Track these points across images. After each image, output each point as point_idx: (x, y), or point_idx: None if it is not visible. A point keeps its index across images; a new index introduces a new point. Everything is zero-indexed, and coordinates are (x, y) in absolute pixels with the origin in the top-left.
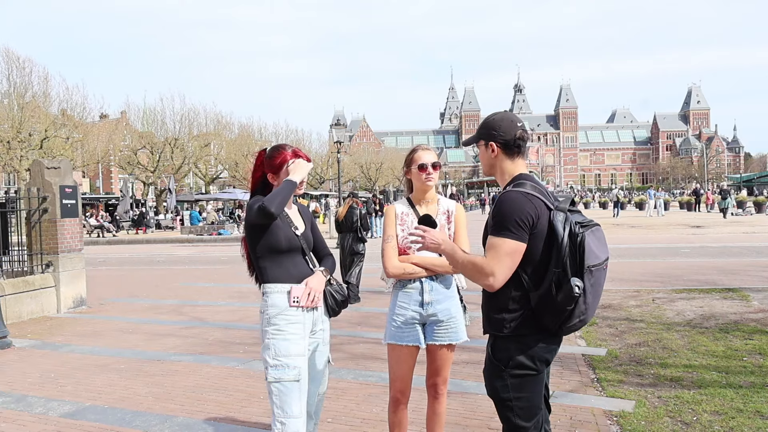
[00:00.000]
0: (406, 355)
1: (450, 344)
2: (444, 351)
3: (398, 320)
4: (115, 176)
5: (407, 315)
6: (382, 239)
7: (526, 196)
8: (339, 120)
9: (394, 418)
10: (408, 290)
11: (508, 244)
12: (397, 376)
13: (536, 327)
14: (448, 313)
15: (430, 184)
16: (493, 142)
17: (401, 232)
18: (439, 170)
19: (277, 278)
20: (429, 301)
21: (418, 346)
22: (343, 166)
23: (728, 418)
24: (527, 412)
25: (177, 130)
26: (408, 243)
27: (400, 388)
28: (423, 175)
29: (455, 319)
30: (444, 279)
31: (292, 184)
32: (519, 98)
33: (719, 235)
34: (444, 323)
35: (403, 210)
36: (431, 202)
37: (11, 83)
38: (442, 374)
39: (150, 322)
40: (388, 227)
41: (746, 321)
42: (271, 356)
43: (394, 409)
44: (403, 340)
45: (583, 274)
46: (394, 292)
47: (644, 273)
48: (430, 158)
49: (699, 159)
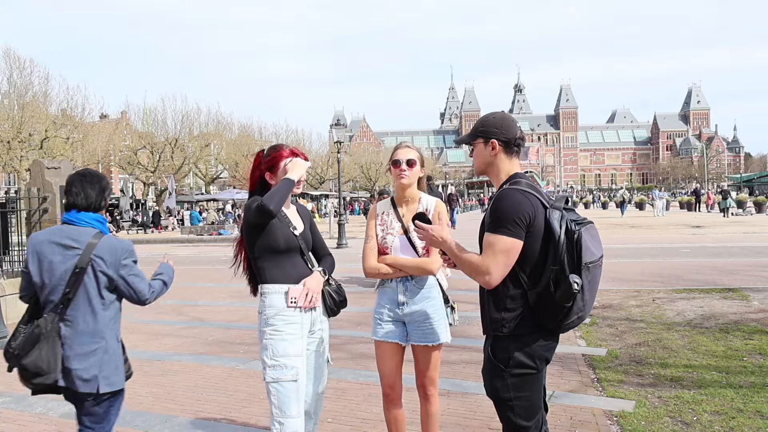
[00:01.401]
0: (389, 351)
1: (428, 345)
2: (424, 351)
3: (378, 317)
4: (115, 176)
5: (386, 313)
6: (364, 240)
7: (524, 194)
8: (339, 120)
9: (389, 415)
10: (386, 289)
11: (504, 242)
12: (384, 373)
13: (535, 325)
14: (424, 314)
15: (403, 181)
16: (495, 139)
17: (380, 232)
18: (415, 167)
19: (275, 279)
20: (404, 301)
21: (398, 343)
22: (343, 166)
23: (728, 418)
24: (527, 412)
25: (177, 131)
26: (386, 243)
27: (388, 383)
28: (397, 171)
29: (432, 320)
30: (419, 280)
31: (290, 183)
32: (519, 98)
33: (719, 235)
34: (420, 324)
35: (383, 210)
36: (412, 201)
37: (12, 83)
38: (428, 375)
39: (150, 322)
40: (368, 227)
41: (746, 321)
42: (269, 356)
43: (386, 405)
44: (384, 337)
45: (581, 271)
46: (377, 290)
47: (644, 273)
48: (405, 155)
49: (699, 159)
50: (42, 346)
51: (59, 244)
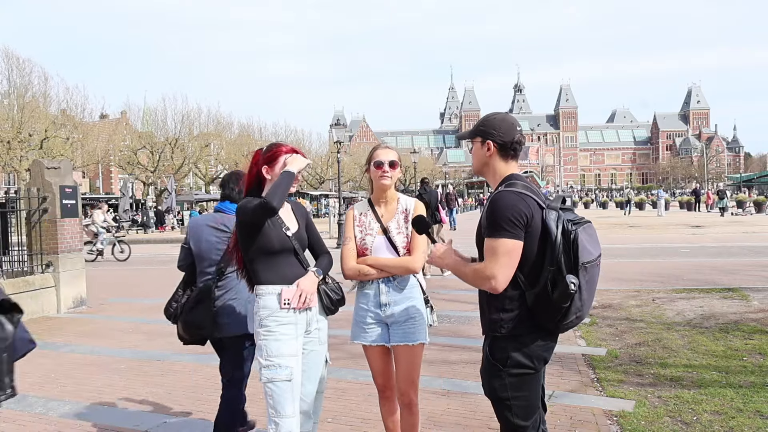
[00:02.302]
0: (375, 354)
1: (409, 345)
2: (405, 352)
3: (359, 320)
4: (115, 176)
5: (367, 315)
6: (342, 241)
7: (519, 195)
8: (339, 120)
9: (385, 411)
10: (366, 291)
11: (505, 244)
12: (377, 372)
13: (533, 326)
14: (406, 314)
15: (385, 182)
16: (491, 140)
17: (359, 233)
18: (397, 169)
19: (268, 280)
20: (386, 302)
21: (384, 345)
22: (343, 166)
23: (728, 417)
24: (525, 411)
25: (177, 130)
26: (366, 244)
27: (381, 382)
28: (379, 172)
29: (414, 320)
30: (401, 280)
31: (290, 175)
32: (519, 98)
33: (719, 235)
34: (402, 324)
35: (361, 211)
36: (390, 202)
37: (11, 83)
38: (409, 377)
39: (150, 322)
40: (347, 229)
41: (746, 321)
42: (264, 357)
43: (383, 402)
44: (367, 340)
45: (578, 271)
46: (356, 292)
47: (644, 273)
48: (387, 156)
49: (699, 159)
50: (201, 306)
51: (215, 228)
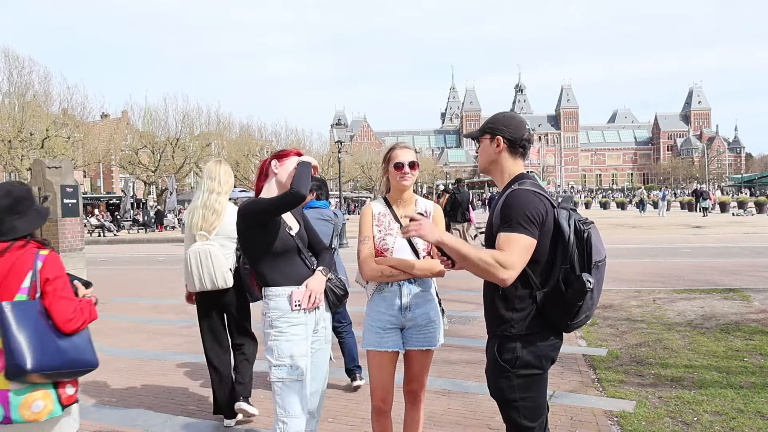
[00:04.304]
0: (387, 361)
1: (429, 350)
2: (422, 356)
3: (376, 325)
4: (116, 176)
5: (385, 320)
6: (358, 240)
7: (535, 194)
8: (340, 120)
9: (377, 426)
10: (385, 294)
11: (525, 239)
12: (378, 385)
13: (543, 325)
14: (427, 317)
15: (406, 183)
16: (501, 136)
17: (378, 233)
18: (417, 170)
19: (276, 281)
20: (407, 305)
21: (398, 351)
22: (344, 165)
23: (729, 418)
24: (533, 413)
25: (178, 130)
26: (386, 245)
27: (381, 396)
28: (399, 174)
29: (434, 324)
30: (423, 282)
31: (308, 165)
32: (520, 98)
33: (720, 235)
34: (422, 327)
35: (380, 210)
36: (408, 203)
37: (12, 83)
38: (421, 380)
39: (151, 322)
40: (365, 228)
41: (747, 321)
42: (275, 357)
43: (376, 418)
44: (383, 346)
45: (591, 270)
46: (371, 296)
47: (645, 273)
48: (408, 157)
49: (700, 159)
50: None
51: (322, 219)
